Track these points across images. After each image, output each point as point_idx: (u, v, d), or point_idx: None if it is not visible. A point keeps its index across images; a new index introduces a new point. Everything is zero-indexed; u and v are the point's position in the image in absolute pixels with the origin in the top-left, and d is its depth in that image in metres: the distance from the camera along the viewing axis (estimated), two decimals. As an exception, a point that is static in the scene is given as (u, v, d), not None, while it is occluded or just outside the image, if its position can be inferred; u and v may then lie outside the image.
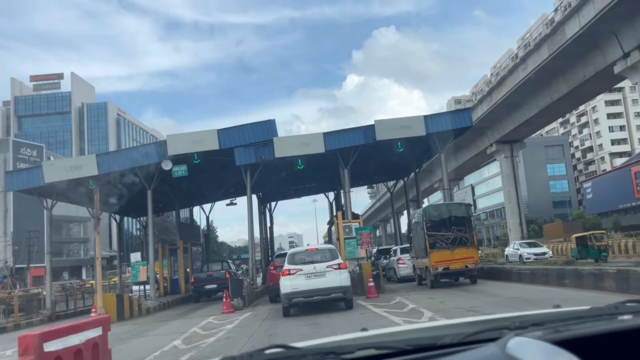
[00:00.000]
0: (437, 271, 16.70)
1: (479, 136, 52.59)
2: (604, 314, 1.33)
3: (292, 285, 13.02)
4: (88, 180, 21.91)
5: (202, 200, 36.67)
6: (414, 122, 22.99)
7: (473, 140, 53.05)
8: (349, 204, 23.53)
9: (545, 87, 42.32)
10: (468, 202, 17.11)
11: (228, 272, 25.67)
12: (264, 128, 23.22)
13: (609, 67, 31.96)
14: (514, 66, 43.85)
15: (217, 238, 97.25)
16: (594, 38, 31.73)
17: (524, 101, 45.72)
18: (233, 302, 17.06)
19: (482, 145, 55.22)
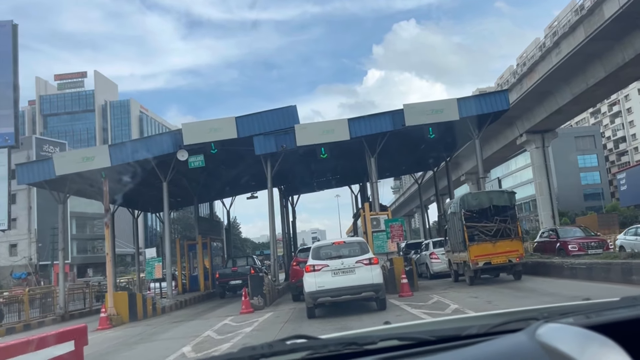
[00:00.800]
0: (477, 266, 15.03)
1: (508, 126, 50.33)
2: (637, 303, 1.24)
3: (317, 283, 11.55)
4: (100, 172, 20.76)
5: (222, 194, 35.46)
6: (446, 106, 21.26)
7: (501, 131, 50.89)
8: (376, 195, 21.94)
9: (580, 72, 40.00)
10: (511, 190, 15.33)
11: (253, 267, 24.81)
12: (285, 115, 21.77)
13: None
14: (546, 51, 41.57)
15: (240, 234, 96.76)
16: (634, 18, 29.48)
17: (556, 88, 43.40)
18: (253, 301, 15.67)
19: (511, 135, 52.92)
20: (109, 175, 21.37)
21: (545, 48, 42.91)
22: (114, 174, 21.70)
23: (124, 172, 22.16)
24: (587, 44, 36.05)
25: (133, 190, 25.23)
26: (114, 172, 21.60)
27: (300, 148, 21.69)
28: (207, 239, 27.29)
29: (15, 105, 35.05)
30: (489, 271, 15.52)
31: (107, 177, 20.09)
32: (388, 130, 21.39)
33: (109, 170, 21.25)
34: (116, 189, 24.23)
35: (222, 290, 24.45)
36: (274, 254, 21.63)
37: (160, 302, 18.40)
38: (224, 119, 21.82)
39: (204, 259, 27.72)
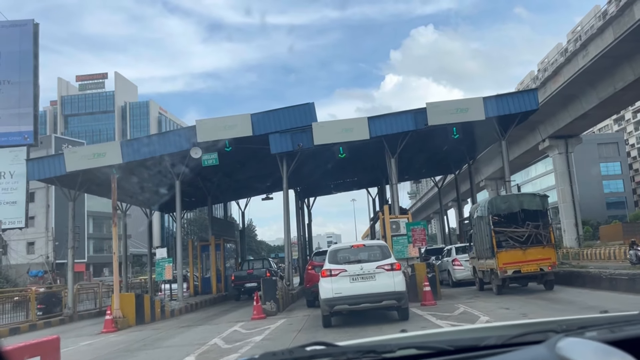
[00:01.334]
0: (506, 274, 13.98)
1: (530, 131, 48.94)
2: None
3: (333, 289, 10.65)
4: (112, 169, 20.12)
5: (237, 195, 34.79)
6: (471, 105, 20.24)
7: (522, 136, 49.60)
8: (396, 197, 20.97)
9: (607, 75, 38.61)
10: (544, 194, 14.28)
11: (269, 270, 24.20)
12: (302, 112, 20.93)
13: None
14: (572, 53, 40.23)
15: (256, 236, 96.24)
16: None
17: (582, 92, 42.00)
18: (265, 306, 14.82)
19: (533, 140, 51.45)
20: (121, 172, 20.75)
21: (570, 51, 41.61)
22: (125, 171, 21.09)
23: (136, 169, 21.55)
24: (616, 46, 34.72)
25: (146, 188, 24.64)
26: (125, 170, 20.99)
27: (318, 147, 20.84)
28: (220, 240, 26.54)
29: (35, 104, 34.85)
30: (518, 280, 14.46)
31: (117, 174, 19.45)
32: (410, 129, 20.44)
33: (121, 167, 20.63)
34: (128, 187, 23.65)
35: (237, 293, 24.12)
36: (288, 256, 20.78)
37: (169, 305, 17.65)
38: (239, 115, 21.08)
39: (217, 261, 26.98)
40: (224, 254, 26.63)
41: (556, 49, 70.25)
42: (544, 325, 1.36)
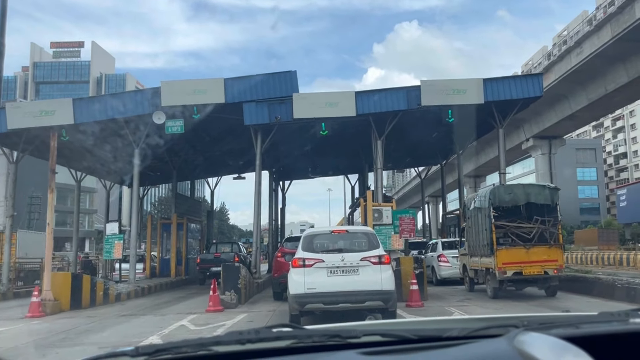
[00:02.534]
0: (505, 276, 12.10)
1: (514, 129, 47.55)
2: (614, 319, 1.29)
3: (306, 284, 8.57)
4: (61, 130, 17.60)
5: (207, 173, 32.33)
6: (470, 86, 18.29)
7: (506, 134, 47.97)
8: (380, 183, 18.96)
9: (599, 76, 37.25)
10: (554, 186, 12.38)
11: (237, 255, 22.23)
12: (282, 81, 18.68)
13: None
14: (565, 50, 38.72)
15: (228, 220, 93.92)
16: None
17: (571, 92, 40.65)
18: (224, 296, 12.65)
19: (516, 139, 50.11)
20: (72, 135, 18.24)
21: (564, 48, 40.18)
22: (78, 134, 18.56)
23: (90, 132, 19.02)
24: (612, 45, 33.29)
25: (102, 156, 22.14)
26: (78, 132, 18.46)
27: (297, 122, 18.66)
28: (183, 219, 24.18)
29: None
30: (517, 283, 12.61)
31: (59, 134, 16.97)
32: (401, 109, 18.40)
33: (73, 129, 18.12)
34: (82, 154, 21.13)
35: (202, 277, 22.08)
36: (257, 241, 18.60)
37: (114, 288, 15.31)
38: (210, 79, 18.74)
39: (179, 242, 24.63)
40: (186, 234, 24.29)
41: (541, 52, 69.15)
42: (507, 321, 1.39)
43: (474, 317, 1.68)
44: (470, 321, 1.56)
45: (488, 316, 1.66)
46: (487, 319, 1.58)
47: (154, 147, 20.88)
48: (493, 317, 1.60)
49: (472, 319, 1.63)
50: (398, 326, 1.55)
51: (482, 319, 1.59)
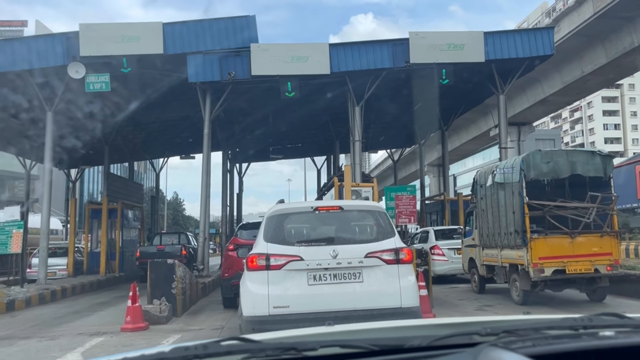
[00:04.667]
0: (543, 275, 8.82)
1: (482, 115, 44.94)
2: (578, 326, 1.26)
3: (272, 299, 4.98)
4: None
5: (150, 154, 28.04)
6: (469, 40, 15.01)
7: (474, 120, 45.48)
8: (359, 159, 15.48)
9: (575, 57, 34.80)
10: (607, 152, 9.08)
11: (185, 247, 18.46)
12: (238, 28, 14.84)
13: None
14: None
15: (184, 211, 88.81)
16: None
17: (544, 75, 38.08)
18: (149, 307, 8.82)
19: (484, 126, 47.52)
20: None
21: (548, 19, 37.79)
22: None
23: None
24: (592, 23, 30.76)
25: (10, 125, 17.74)
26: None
27: (257, 81, 14.90)
28: (118, 205, 20.00)
29: None
30: (555, 284, 9.34)
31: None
32: (385, 67, 14.92)
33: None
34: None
35: (143, 274, 17.96)
36: (204, 229, 14.77)
37: (5, 293, 11.20)
38: (145, 23, 14.72)
39: (112, 231, 20.43)
40: (121, 222, 20.12)
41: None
42: (469, 327, 1.36)
43: (436, 323, 1.65)
44: (433, 327, 1.54)
45: (449, 321, 1.61)
46: (448, 324, 1.55)
47: (76, 114, 16.66)
48: (454, 323, 1.58)
49: (435, 325, 1.60)
50: (358, 335, 1.42)
51: (443, 324, 1.57)
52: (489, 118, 49.51)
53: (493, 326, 1.29)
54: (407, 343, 1.20)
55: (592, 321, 1.30)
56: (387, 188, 11.45)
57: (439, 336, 1.21)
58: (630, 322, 1.33)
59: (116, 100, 17.03)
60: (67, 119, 16.70)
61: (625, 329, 1.28)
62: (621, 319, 1.37)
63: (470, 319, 1.61)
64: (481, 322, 1.47)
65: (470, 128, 47.62)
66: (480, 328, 1.25)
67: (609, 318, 1.37)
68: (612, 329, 1.26)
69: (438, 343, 1.18)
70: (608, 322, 1.33)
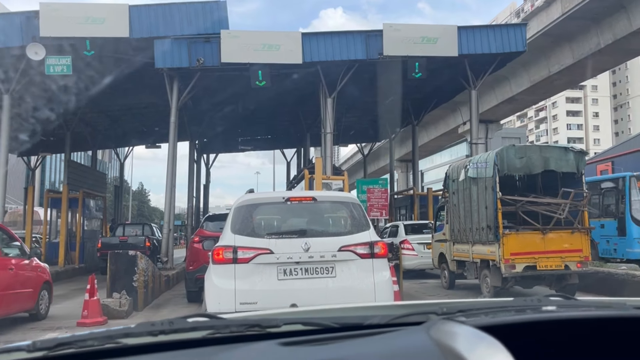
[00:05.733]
0: (514, 271, 8.77)
1: (451, 112, 45.44)
2: (527, 306, 1.34)
3: (238, 294, 4.70)
4: None
5: (115, 142, 27.18)
6: (443, 34, 14.91)
7: (442, 116, 45.87)
8: (330, 152, 15.23)
9: (542, 57, 35.39)
10: (580, 148, 9.07)
11: (149, 239, 17.91)
12: (208, 13, 14.37)
13: (634, 34, 25.26)
14: (512, 28, 36.81)
15: (149, 202, 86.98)
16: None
17: (513, 73, 38.65)
18: (109, 300, 8.39)
19: (453, 123, 48.04)
20: None
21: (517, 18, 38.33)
22: None
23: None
24: (561, 23, 31.30)
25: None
26: None
27: (227, 68, 14.47)
28: (79, 193, 19.25)
29: None
30: (525, 280, 9.32)
31: None
32: (358, 58, 14.69)
33: None
34: None
35: (105, 265, 17.31)
36: (169, 220, 14.29)
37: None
38: (110, 4, 14.22)
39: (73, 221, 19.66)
40: (82, 212, 19.36)
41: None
42: (427, 307, 1.38)
43: (396, 304, 1.77)
44: (393, 308, 1.59)
45: (408, 303, 1.73)
46: (407, 305, 1.62)
47: (35, 97, 15.90)
48: (413, 304, 1.64)
49: (394, 306, 1.66)
50: (320, 314, 1.47)
51: (402, 305, 1.63)
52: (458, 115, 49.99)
53: (449, 306, 1.35)
54: (366, 321, 1.25)
55: (541, 302, 1.38)
56: (359, 181, 11.27)
57: (397, 315, 1.27)
58: (575, 303, 1.43)
59: (78, 85, 16.32)
60: (25, 103, 15.93)
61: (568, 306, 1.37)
62: (567, 299, 1.48)
63: (429, 301, 1.67)
64: (437, 303, 1.55)
65: (439, 124, 47.93)
66: (437, 308, 1.31)
67: (556, 299, 1.46)
68: (557, 306, 1.34)
69: (396, 321, 1.23)
70: (555, 302, 1.40)
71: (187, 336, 1.14)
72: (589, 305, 1.40)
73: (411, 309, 1.39)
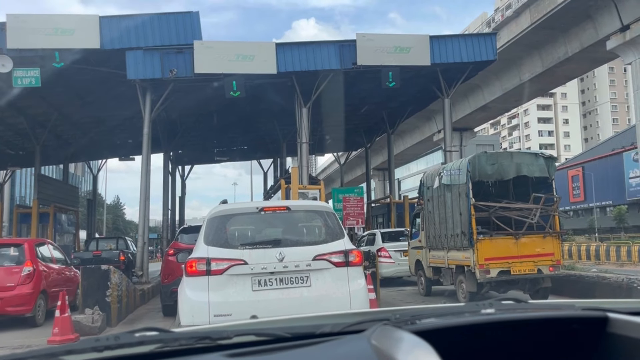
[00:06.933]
0: (489, 276, 8.86)
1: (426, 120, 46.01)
2: (473, 310, 1.35)
3: (212, 306, 4.64)
4: None
5: (87, 155, 26.72)
6: (416, 44, 15.10)
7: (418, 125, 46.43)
8: (306, 161, 15.23)
9: (514, 66, 36.19)
10: (550, 154, 9.27)
11: (123, 253, 17.61)
12: (181, 24, 14.29)
13: (600, 42, 26.12)
14: (483, 38, 37.50)
15: (124, 215, 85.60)
16: (587, 6, 25.83)
17: (485, 82, 39.41)
18: (81, 317, 8.19)
19: (428, 131, 48.64)
20: None
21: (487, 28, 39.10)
22: None
23: None
24: (530, 33, 32.11)
25: None
26: None
27: (199, 79, 14.38)
28: (50, 208, 18.82)
29: None
30: (500, 285, 9.42)
31: None
32: (332, 68, 14.78)
33: None
34: None
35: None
36: (143, 233, 14.07)
37: None
38: (79, 15, 14.12)
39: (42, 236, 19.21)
40: (53, 226, 18.93)
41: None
42: (381, 314, 1.42)
43: (352, 312, 1.72)
44: (347, 316, 1.58)
45: (364, 311, 1.77)
46: (363, 313, 1.60)
47: (2, 110, 15.56)
48: (369, 312, 1.69)
49: (349, 314, 1.64)
50: (273, 324, 1.47)
51: (358, 313, 1.62)
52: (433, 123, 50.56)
53: (403, 313, 1.34)
54: (318, 330, 1.25)
55: (492, 305, 1.38)
56: (334, 189, 11.30)
57: (350, 323, 1.26)
58: (524, 306, 1.44)
59: (48, 97, 16.07)
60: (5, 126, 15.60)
61: (507, 308, 1.38)
62: (518, 302, 1.48)
63: (386, 309, 1.68)
64: (392, 310, 1.53)
65: (414, 133, 48.45)
66: (390, 315, 1.31)
67: (507, 302, 1.46)
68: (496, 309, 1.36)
69: (348, 329, 1.23)
70: (502, 306, 1.41)
71: (134, 351, 1.11)
72: (536, 307, 1.43)
73: (365, 317, 1.39)
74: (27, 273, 9.12)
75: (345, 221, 10.85)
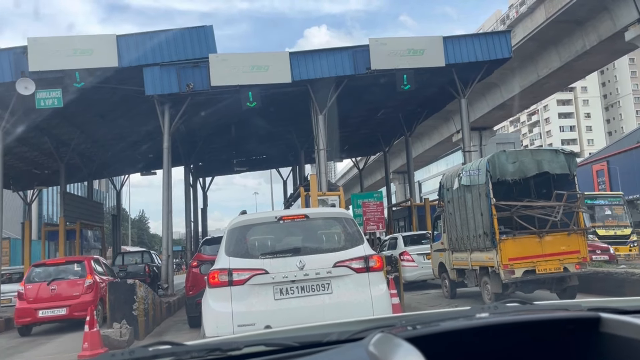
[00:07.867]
0: (513, 276, 8.76)
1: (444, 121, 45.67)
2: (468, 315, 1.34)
3: (236, 316, 4.69)
4: None
5: (109, 171, 27.18)
6: (429, 45, 15.06)
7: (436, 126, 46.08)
8: (324, 168, 15.26)
9: (530, 61, 35.77)
10: (570, 150, 9.12)
11: (149, 266, 17.90)
12: (195, 39, 14.50)
13: (618, 34, 25.58)
14: (498, 36, 37.16)
15: (149, 229, 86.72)
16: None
17: (503, 79, 39.02)
18: (109, 331, 8.33)
19: (446, 132, 48.29)
20: None
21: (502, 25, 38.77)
22: None
23: None
24: (545, 28, 31.71)
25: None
26: None
27: (216, 92, 14.57)
28: (75, 225, 19.21)
29: None
30: (525, 285, 9.30)
31: None
32: (346, 74, 14.81)
33: None
34: None
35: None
36: (167, 246, 14.26)
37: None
38: (98, 35, 14.27)
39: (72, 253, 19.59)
40: (80, 242, 19.30)
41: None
42: (388, 321, 1.40)
43: (360, 320, 1.65)
44: (356, 323, 1.58)
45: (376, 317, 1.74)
46: (371, 320, 1.59)
47: (27, 131, 15.96)
48: (379, 318, 1.65)
49: (357, 322, 1.61)
50: (282, 334, 1.48)
51: (366, 320, 1.60)
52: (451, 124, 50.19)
53: (409, 319, 1.34)
54: (325, 339, 1.27)
55: (497, 308, 1.39)
56: (353, 195, 11.30)
57: (355, 330, 1.29)
58: (529, 307, 1.43)
59: (70, 117, 16.43)
60: (17, 138, 15.99)
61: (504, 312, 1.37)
62: (523, 304, 1.48)
63: (396, 315, 1.67)
64: (399, 316, 1.52)
65: (432, 134, 48.14)
66: (397, 321, 1.31)
67: (512, 305, 1.45)
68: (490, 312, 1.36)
69: (354, 337, 1.24)
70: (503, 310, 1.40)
71: None
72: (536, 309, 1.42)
73: (374, 324, 1.40)
74: (89, 284, 11.03)
75: (365, 226, 10.84)
